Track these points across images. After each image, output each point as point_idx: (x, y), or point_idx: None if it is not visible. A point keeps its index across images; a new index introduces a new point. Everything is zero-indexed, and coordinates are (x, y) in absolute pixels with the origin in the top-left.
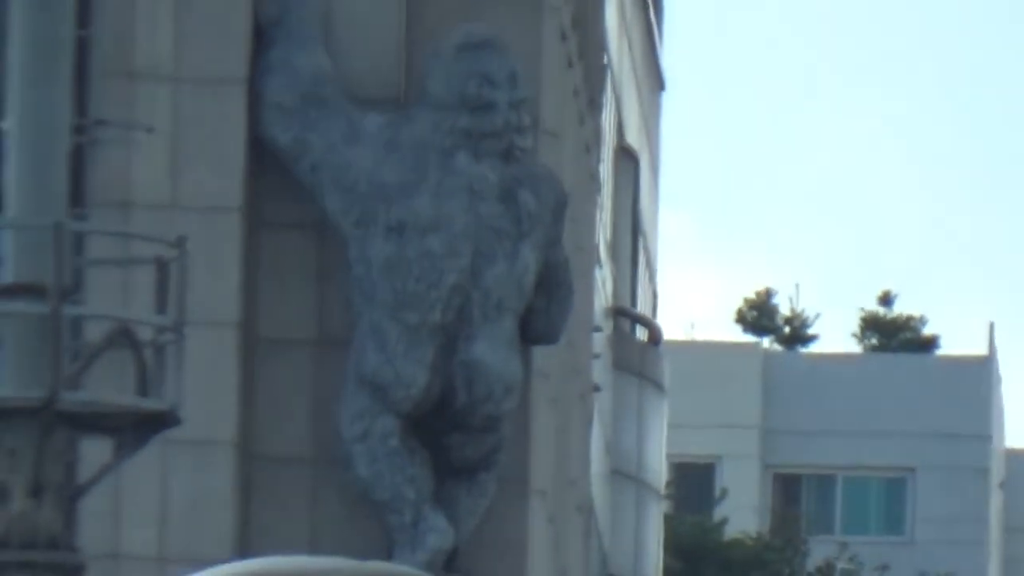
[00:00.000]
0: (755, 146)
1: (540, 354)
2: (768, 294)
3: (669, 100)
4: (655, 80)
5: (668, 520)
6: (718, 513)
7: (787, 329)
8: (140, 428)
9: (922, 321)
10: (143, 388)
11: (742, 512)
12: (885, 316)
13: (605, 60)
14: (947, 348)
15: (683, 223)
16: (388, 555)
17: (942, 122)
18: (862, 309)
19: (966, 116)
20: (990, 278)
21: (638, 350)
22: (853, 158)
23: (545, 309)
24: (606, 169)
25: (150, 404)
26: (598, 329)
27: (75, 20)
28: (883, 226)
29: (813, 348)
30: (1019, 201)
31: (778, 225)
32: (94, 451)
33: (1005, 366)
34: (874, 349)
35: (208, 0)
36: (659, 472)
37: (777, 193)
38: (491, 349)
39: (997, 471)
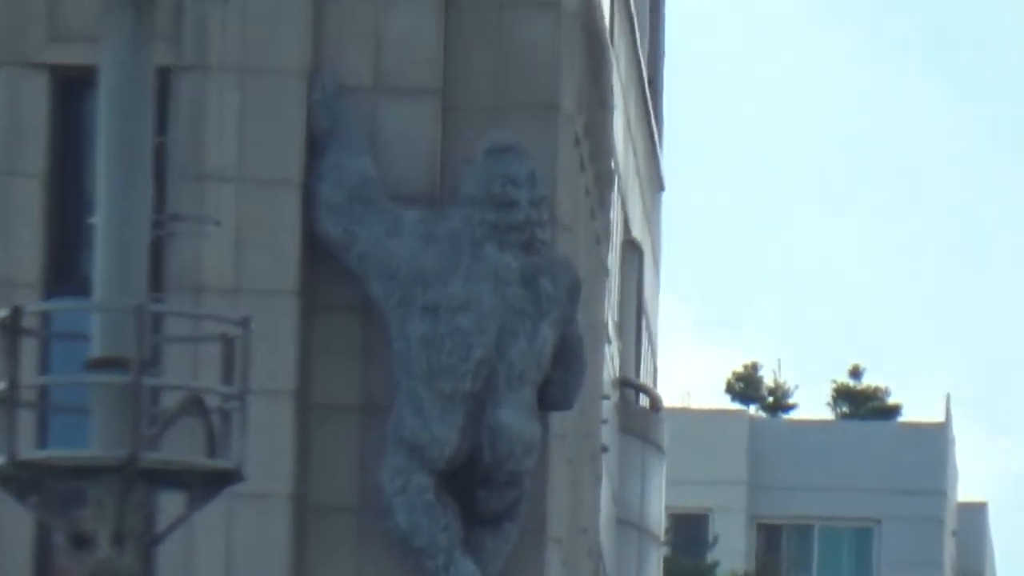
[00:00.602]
0: (742, 239)
1: (556, 419)
2: (754, 368)
3: (668, 199)
4: (656, 181)
5: (666, 563)
6: (710, 557)
7: (770, 398)
8: (209, 483)
9: (887, 392)
10: (212, 449)
11: (730, 557)
12: (855, 387)
13: (613, 164)
14: (908, 415)
15: (680, 306)
16: None
17: (904, 221)
18: (834, 381)
19: (924, 218)
20: (946, 355)
21: (641, 416)
22: (827, 249)
23: (561, 380)
24: (614, 259)
25: (218, 463)
26: (606, 397)
27: (153, 129)
28: (853, 310)
29: (793, 415)
30: (973, 288)
31: (762, 308)
32: (170, 503)
33: (958, 431)
34: (845, 416)
35: (268, 111)
36: (659, 521)
37: (762, 280)
38: (514, 414)
39: (951, 522)
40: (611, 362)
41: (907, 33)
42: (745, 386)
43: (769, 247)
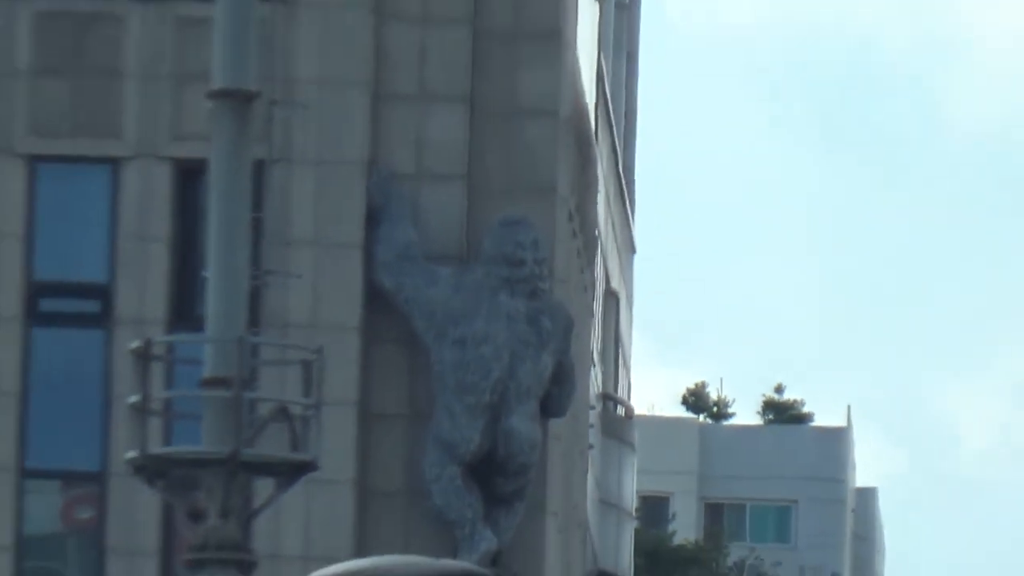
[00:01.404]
0: (694, 289)
1: (554, 424)
2: (702, 385)
3: (639, 259)
4: (629, 245)
5: (636, 533)
6: (669, 528)
7: (715, 409)
8: (292, 472)
9: (802, 403)
10: (294, 445)
11: (685, 528)
12: (778, 400)
13: (596, 232)
14: (819, 421)
15: (648, 339)
16: (454, 555)
17: (815, 273)
18: (763, 395)
19: (829, 272)
20: (847, 376)
21: (618, 422)
22: (759, 295)
23: (557, 395)
24: (597, 304)
25: (299, 456)
26: (592, 408)
27: (251, 207)
28: (778, 341)
29: (732, 421)
30: (870, 323)
31: (709, 341)
32: (262, 487)
33: (857, 433)
34: (771, 422)
35: (337, 192)
36: (631, 501)
37: (708, 319)
38: (522, 421)
39: (850, 502)
40: (595, 381)
41: (815, 126)
42: (696, 399)
43: (714, 294)
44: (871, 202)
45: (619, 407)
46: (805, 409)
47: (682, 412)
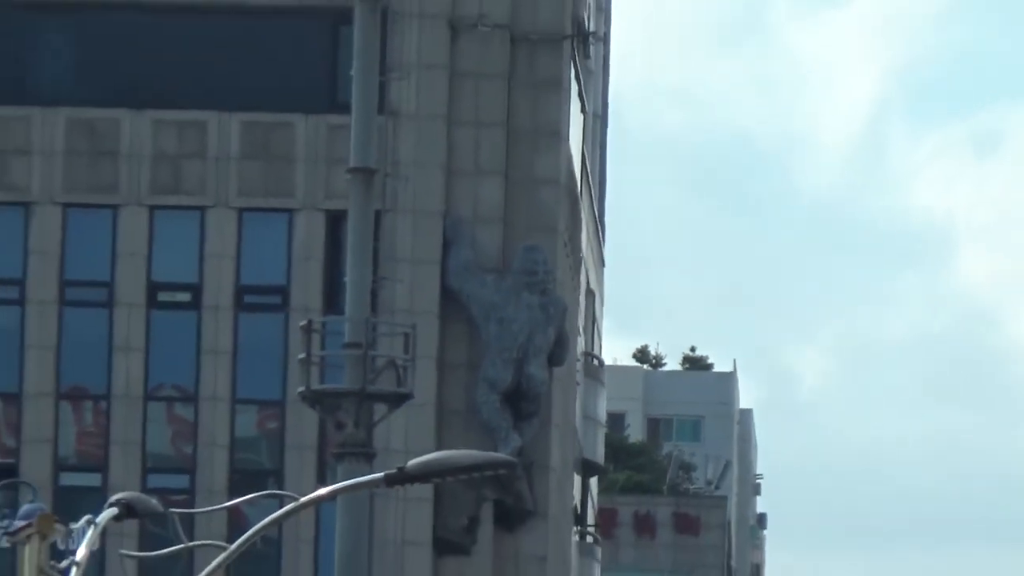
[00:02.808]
0: (641, 289)
1: (556, 370)
2: (645, 347)
3: (608, 270)
4: (600, 261)
5: (606, 436)
6: (625, 433)
7: (654, 361)
8: (397, 400)
9: (707, 358)
10: (399, 383)
11: (635, 432)
12: (693, 356)
13: (581, 254)
14: (717, 368)
15: (613, 318)
16: (495, 450)
17: (715, 275)
18: (683, 353)
19: (724, 276)
20: (734, 340)
21: (594, 369)
22: (682, 292)
23: (558, 351)
24: (582, 298)
25: (401, 390)
26: (578, 360)
27: (372, 239)
28: (692, 321)
29: (664, 369)
30: (746, 311)
31: (650, 320)
32: (379, 409)
33: (740, 375)
34: (688, 369)
35: (424, 230)
36: (603, 417)
37: (650, 307)
38: (537, 368)
39: (736, 417)
40: (580, 343)
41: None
42: (642, 355)
43: (653, 291)
44: (746, 238)
45: (595, 360)
46: (709, 361)
47: (633, 363)
